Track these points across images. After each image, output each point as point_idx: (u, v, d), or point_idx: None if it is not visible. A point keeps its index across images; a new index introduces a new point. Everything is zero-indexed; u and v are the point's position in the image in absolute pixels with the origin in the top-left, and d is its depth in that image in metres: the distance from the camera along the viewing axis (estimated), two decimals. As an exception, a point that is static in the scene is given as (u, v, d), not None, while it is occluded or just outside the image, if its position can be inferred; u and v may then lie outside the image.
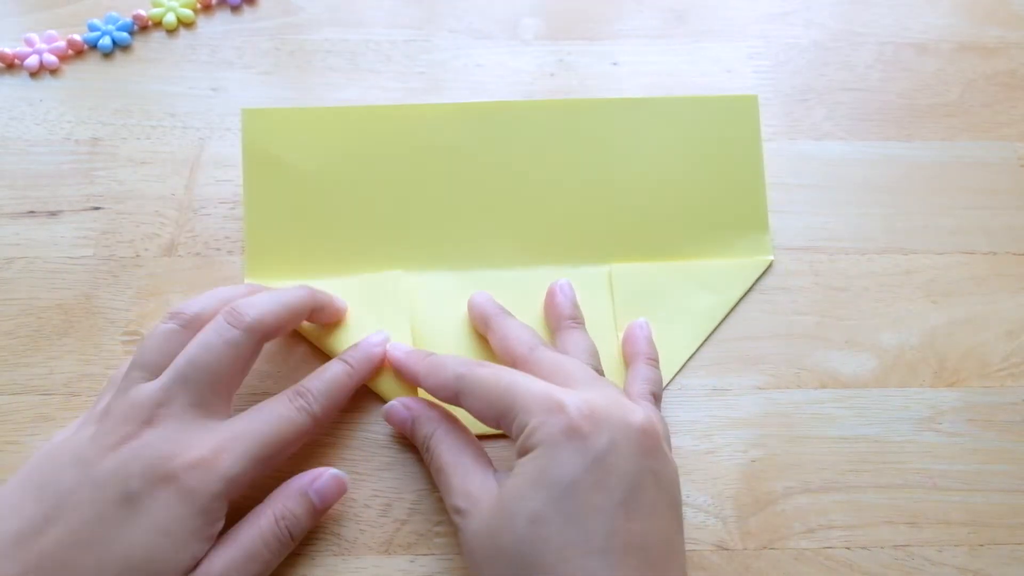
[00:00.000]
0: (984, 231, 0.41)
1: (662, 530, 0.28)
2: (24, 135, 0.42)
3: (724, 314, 0.39)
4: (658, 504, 0.28)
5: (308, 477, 0.32)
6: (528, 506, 0.27)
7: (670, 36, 0.46)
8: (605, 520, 0.27)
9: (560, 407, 0.28)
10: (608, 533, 0.27)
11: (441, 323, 0.38)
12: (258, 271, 0.38)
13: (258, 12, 0.46)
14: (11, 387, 0.36)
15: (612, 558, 0.26)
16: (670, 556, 0.28)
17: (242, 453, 0.30)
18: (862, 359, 0.38)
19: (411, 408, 0.34)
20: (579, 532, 0.27)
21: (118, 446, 0.29)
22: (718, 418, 0.36)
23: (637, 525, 0.27)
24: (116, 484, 0.28)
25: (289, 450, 0.32)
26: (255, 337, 0.32)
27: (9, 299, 0.38)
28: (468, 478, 0.30)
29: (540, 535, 0.27)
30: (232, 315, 0.31)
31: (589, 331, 0.36)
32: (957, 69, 0.45)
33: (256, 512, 0.31)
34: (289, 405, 0.32)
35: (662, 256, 0.40)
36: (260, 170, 0.39)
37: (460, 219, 0.40)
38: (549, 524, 0.27)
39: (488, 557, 0.28)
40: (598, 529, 0.27)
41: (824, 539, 0.34)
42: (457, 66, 0.45)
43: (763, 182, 0.41)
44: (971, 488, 0.35)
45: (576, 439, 0.28)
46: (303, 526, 0.31)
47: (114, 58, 0.44)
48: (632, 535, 0.27)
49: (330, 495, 0.32)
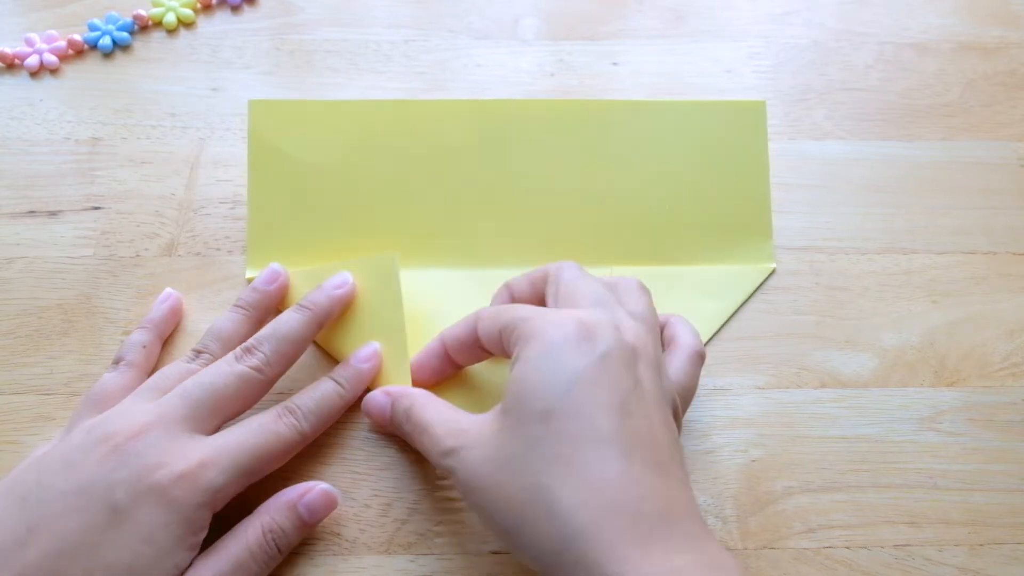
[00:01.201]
0: (984, 231, 0.41)
1: (662, 432, 0.28)
2: (24, 135, 0.42)
3: (725, 320, 0.38)
4: (654, 413, 0.28)
5: (298, 491, 0.32)
6: (537, 405, 0.27)
7: (670, 36, 0.46)
8: (610, 414, 0.27)
9: (561, 319, 0.29)
10: (616, 425, 0.27)
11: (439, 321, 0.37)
12: (259, 262, 0.38)
13: (258, 12, 0.46)
14: (11, 387, 0.36)
15: (624, 446, 0.26)
16: (674, 453, 0.28)
17: (227, 466, 0.30)
18: (862, 359, 0.38)
19: (390, 392, 0.34)
20: (589, 424, 0.27)
21: (106, 455, 0.29)
22: (718, 418, 0.36)
23: (639, 422, 0.27)
24: (102, 492, 0.29)
25: (276, 464, 0.32)
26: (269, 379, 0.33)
27: (9, 299, 0.38)
28: (453, 421, 0.30)
29: (552, 430, 0.27)
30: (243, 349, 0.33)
31: None
32: (957, 69, 0.45)
33: (244, 523, 0.31)
34: (279, 421, 0.32)
35: (664, 260, 0.40)
36: (265, 161, 0.39)
37: (463, 217, 0.40)
38: (561, 418, 0.27)
39: (499, 476, 0.27)
40: (605, 422, 0.27)
41: (824, 539, 0.34)
42: (457, 66, 0.45)
43: (768, 188, 0.41)
44: (971, 488, 0.35)
45: (575, 341, 0.28)
46: (290, 540, 0.31)
47: (114, 58, 0.44)
48: (637, 428, 0.27)
49: (320, 510, 0.32)
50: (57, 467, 0.29)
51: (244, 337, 0.34)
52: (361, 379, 0.35)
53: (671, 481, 0.27)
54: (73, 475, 0.29)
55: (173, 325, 0.37)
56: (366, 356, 0.35)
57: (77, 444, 0.30)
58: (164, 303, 0.37)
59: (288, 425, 0.32)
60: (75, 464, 0.29)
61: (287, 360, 0.34)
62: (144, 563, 0.28)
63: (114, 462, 0.29)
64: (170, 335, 0.37)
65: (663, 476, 0.27)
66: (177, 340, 0.37)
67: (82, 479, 0.29)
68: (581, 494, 0.26)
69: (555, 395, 0.27)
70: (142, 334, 0.36)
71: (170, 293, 0.37)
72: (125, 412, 0.31)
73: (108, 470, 0.29)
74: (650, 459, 0.27)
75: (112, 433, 0.30)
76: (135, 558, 0.28)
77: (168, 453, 0.29)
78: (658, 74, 0.45)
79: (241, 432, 0.31)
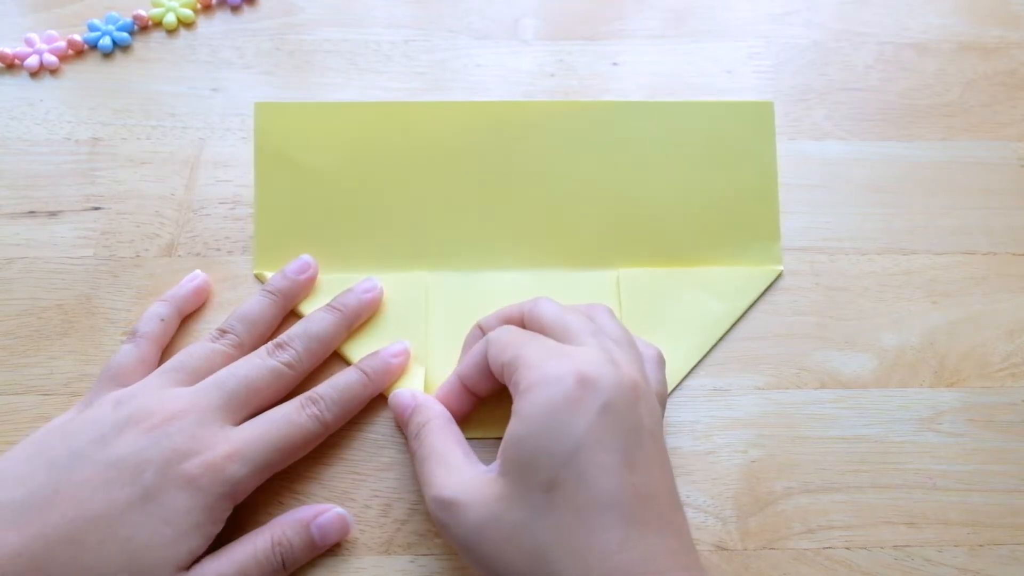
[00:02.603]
0: (984, 231, 0.41)
1: (663, 480, 0.28)
2: (24, 135, 0.42)
3: (731, 323, 0.38)
4: (653, 457, 0.28)
5: (314, 510, 0.32)
6: (541, 475, 0.27)
7: (670, 36, 0.46)
8: (613, 475, 0.27)
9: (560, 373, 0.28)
10: (618, 487, 0.27)
11: (450, 325, 0.37)
12: (266, 264, 0.39)
13: (258, 12, 0.46)
14: (11, 387, 0.36)
15: (626, 510, 0.27)
16: (675, 506, 0.28)
17: (252, 458, 0.31)
18: (862, 359, 0.38)
19: (416, 397, 0.34)
20: (593, 491, 0.27)
21: (140, 435, 0.30)
22: (718, 418, 0.36)
23: (640, 477, 0.27)
24: (132, 470, 0.29)
25: (298, 455, 0.33)
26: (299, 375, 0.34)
27: (9, 299, 0.38)
28: (455, 467, 0.30)
29: (556, 500, 0.27)
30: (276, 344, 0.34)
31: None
32: (957, 69, 0.45)
33: (255, 532, 0.31)
34: (301, 412, 0.33)
35: (671, 262, 0.40)
36: (271, 163, 0.39)
37: (470, 219, 0.40)
38: (564, 488, 0.27)
39: (499, 542, 0.27)
40: (608, 486, 0.27)
41: (824, 539, 0.34)
42: (457, 66, 0.45)
43: (776, 190, 0.40)
44: (971, 488, 0.35)
45: (576, 400, 0.28)
46: (297, 557, 0.32)
47: (114, 58, 0.44)
48: (638, 486, 0.27)
49: (332, 533, 0.32)
50: (90, 437, 0.30)
51: (269, 322, 0.36)
52: (389, 373, 0.35)
53: (670, 533, 0.27)
54: (106, 449, 0.30)
55: (196, 305, 0.38)
56: (396, 352, 0.35)
57: (108, 419, 0.31)
58: (191, 282, 0.37)
59: (311, 416, 0.33)
60: (107, 438, 0.30)
61: (316, 358, 0.35)
62: (159, 543, 0.29)
63: (147, 442, 0.30)
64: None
65: (663, 532, 0.27)
66: (178, 339, 0.37)
67: (114, 454, 0.30)
68: (583, 566, 0.26)
69: (558, 464, 0.27)
70: (162, 306, 0.36)
71: (198, 274, 0.38)
72: (156, 392, 0.32)
73: (140, 449, 0.30)
74: (651, 516, 0.27)
75: (148, 414, 0.31)
76: (151, 537, 0.29)
77: (199, 441, 0.30)
78: (658, 74, 0.45)
79: (266, 425, 0.32)
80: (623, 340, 0.31)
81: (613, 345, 0.30)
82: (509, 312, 0.34)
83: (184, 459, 0.30)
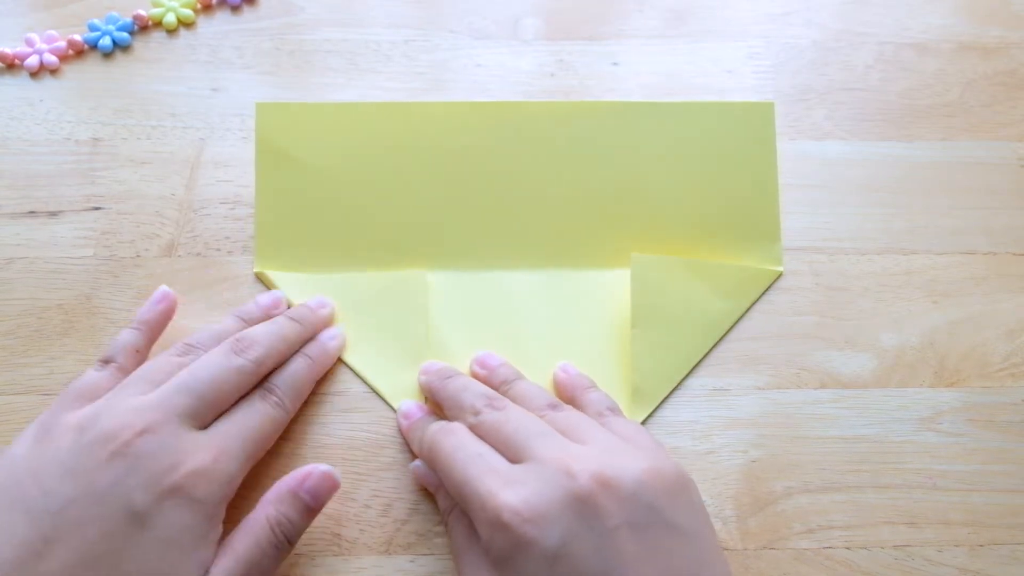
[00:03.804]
0: (984, 231, 0.41)
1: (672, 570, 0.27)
2: (24, 135, 0.42)
3: (732, 323, 0.38)
4: (658, 547, 0.27)
5: (298, 477, 0.31)
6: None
7: (670, 36, 0.46)
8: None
9: (500, 524, 0.27)
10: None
11: (451, 325, 0.38)
12: (267, 264, 0.39)
13: (258, 12, 0.46)
14: (11, 387, 0.36)
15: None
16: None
17: (237, 454, 0.31)
18: (862, 359, 0.38)
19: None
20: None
21: (112, 457, 0.28)
22: (718, 418, 0.36)
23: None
24: (118, 497, 0.28)
25: (271, 443, 0.33)
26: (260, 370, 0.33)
27: (9, 299, 0.38)
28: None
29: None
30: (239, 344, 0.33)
31: (601, 335, 0.37)
32: (957, 69, 0.45)
33: (250, 520, 0.30)
34: (264, 402, 0.33)
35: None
36: (272, 164, 0.39)
37: (469, 219, 0.40)
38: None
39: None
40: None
41: (824, 539, 0.34)
42: (457, 66, 0.45)
43: (777, 191, 0.40)
44: (971, 488, 0.35)
45: (523, 548, 0.27)
46: (299, 528, 0.31)
47: (114, 58, 0.44)
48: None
49: (323, 492, 0.32)
50: (57, 472, 0.28)
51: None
52: (328, 354, 0.36)
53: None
54: (79, 480, 0.28)
55: (164, 327, 0.36)
56: (333, 335, 0.37)
57: (72, 446, 0.29)
58: (159, 304, 0.36)
59: (273, 404, 0.33)
60: (78, 468, 0.28)
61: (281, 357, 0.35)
62: (169, 566, 0.28)
63: (123, 464, 0.28)
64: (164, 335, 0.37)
65: None
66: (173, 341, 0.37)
67: (91, 484, 0.28)
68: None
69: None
70: (135, 336, 0.35)
71: (166, 294, 0.36)
72: (118, 408, 0.30)
73: (120, 473, 0.28)
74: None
75: (112, 433, 0.29)
76: (159, 563, 0.27)
77: (179, 451, 0.29)
78: (658, 74, 0.45)
79: (241, 419, 0.32)
80: (646, 445, 0.31)
81: (618, 443, 0.30)
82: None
83: (168, 473, 0.28)
